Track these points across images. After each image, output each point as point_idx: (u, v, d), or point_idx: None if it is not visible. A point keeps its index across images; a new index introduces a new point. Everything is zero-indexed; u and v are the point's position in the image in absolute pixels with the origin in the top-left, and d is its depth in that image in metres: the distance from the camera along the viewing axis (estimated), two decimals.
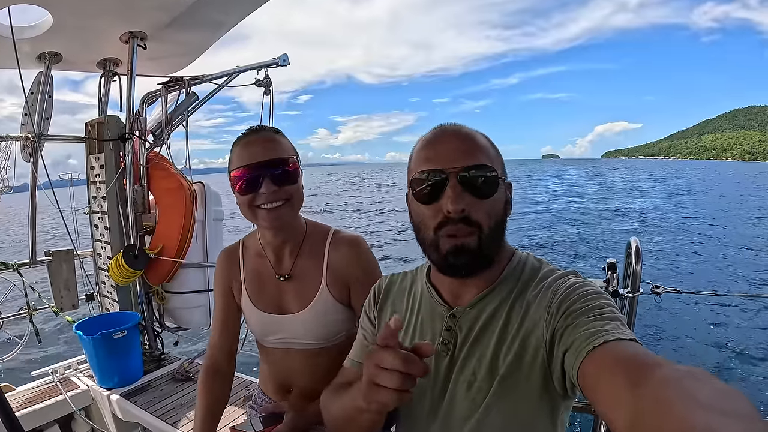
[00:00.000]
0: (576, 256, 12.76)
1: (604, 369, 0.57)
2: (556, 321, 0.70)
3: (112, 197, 2.35)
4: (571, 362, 0.63)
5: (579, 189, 39.92)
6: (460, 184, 0.73)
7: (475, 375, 0.77)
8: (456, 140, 0.77)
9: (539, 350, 0.72)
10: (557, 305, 0.71)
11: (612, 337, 0.59)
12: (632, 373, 0.50)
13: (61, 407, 2.13)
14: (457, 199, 0.72)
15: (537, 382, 0.72)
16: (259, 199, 1.08)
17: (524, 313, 0.76)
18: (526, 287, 0.79)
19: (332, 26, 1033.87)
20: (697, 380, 0.41)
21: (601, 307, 0.67)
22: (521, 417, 0.74)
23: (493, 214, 0.76)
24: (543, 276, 0.79)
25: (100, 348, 2.08)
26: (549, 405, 0.74)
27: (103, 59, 2.39)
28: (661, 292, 1.36)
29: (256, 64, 2.35)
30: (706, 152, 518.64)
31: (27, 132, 2.29)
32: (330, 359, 1.22)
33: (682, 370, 0.45)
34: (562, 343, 0.67)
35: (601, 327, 0.62)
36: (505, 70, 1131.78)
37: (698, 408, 0.36)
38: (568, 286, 0.73)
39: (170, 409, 1.97)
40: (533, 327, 0.73)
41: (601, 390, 0.56)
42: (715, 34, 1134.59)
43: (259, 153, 1.07)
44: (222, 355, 1.30)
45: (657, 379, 0.45)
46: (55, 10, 1.90)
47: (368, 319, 0.99)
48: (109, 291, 2.53)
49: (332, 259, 1.19)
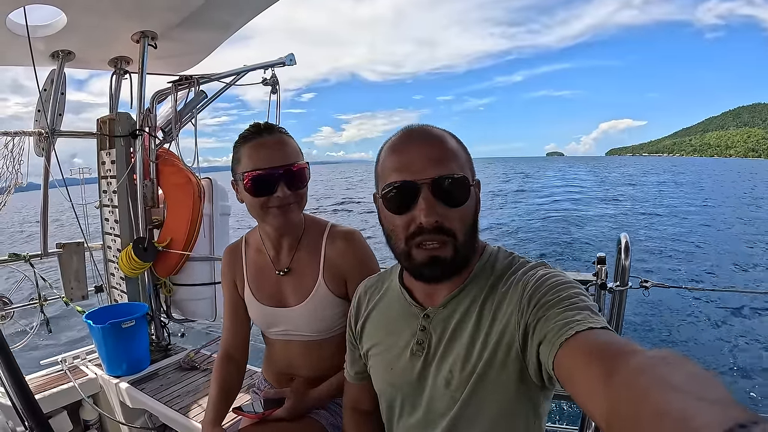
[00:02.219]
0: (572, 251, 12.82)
1: (578, 360, 0.57)
2: (528, 314, 0.70)
3: (122, 191, 2.42)
4: (546, 354, 0.64)
5: (581, 184, 39.98)
6: (433, 194, 0.72)
7: (452, 372, 0.79)
8: (425, 146, 0.75)
9: (513, 344, 0.72)
10: (528, 298, 0.71)
11: (583, 327, 0.60)
12: (606, 363, 0.51)
13: (70, 394, 2.19)
14: (429, 210, 0.72)
15: (513, 375, 0.73)
16: (273, 202, 1.12)
17: (496, 308, 0.77)
18: (497, 282, 0.79)
19: (336, 24, 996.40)
20: (671, 365, 0.42)
21: (570, 297, 0.68)
22: (501, 409, 0.76)
23: (466, 220, 0.77)
24: (513, 270, 0.80)
25: (109, 337, 2.15)
26: (527, 396, 0.76)
27: (115, 58, 2.45)
28: (649, 286, 1.42)
29: (263, 63, 2.41)
30: (710, 150, 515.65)
31: (40, 127, 2.36)
32: (329, 350, 1.27)
33: (655, 356, 0.45)
34: (535, 336, 0.67)
35: (572, 317, 0.63)
36: (509, 67, 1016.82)
37: (673, 393, 0.36)
38: (537, 278, 0.74)
39: (176, 396, 2.03)
40: (506, 322, 0.74)
41: (576, 381, 0.56)
42: (720, 31, 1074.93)
43: (274, 157, 1.10)
44: (233, 344, 1.35)
45: (631, 367, 0.46)
46: (69, 10, 1.96)
47: (350, 337, 1.03)
48: (118, 282, 2.60)
49: (329, 253, 1.22)
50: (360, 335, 0.99)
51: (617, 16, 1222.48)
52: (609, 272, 1.38)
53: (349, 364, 1.05)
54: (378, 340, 0.93)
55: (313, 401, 1.24)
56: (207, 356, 2.38)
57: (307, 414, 1.23)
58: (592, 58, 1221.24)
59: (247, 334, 1.39)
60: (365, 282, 1.04)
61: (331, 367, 1.28)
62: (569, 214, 19.71)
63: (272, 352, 1.37)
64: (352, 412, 1.07)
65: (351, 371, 1.05)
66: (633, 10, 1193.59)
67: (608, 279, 1.38)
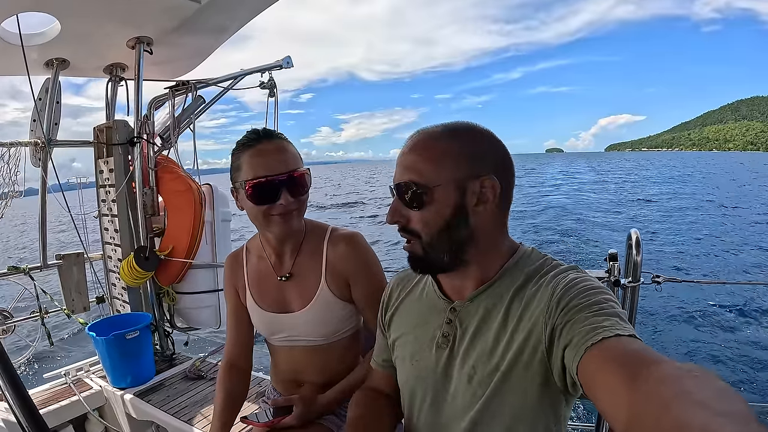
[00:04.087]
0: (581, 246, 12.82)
1: (603, 367, 0.57)
2: (556, 317, 0.70)
3: (121, 200, 2.39)
4: (571, 358, 0.64)
5: (582, 180, 40.21)
6: (399, 199, 0.82)
7: (475, 369, 0.79)
8: (406, 155, 0.82)
9: (539, 346, 0.72)
10: (557, 301, 0.71)
11: (610, 334, 0.60)
12: (630, 371, 0.50)
13: (75, 408, 2.17)
14: (391, 213, 0.83)
15: (538, 377, 0.73)
16: (276, 210, 1.10)
17: (524, 308, 0.77)
18: (527, 282, 0.80)
19: (333, 24, 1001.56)
20: (696, 379, 0.42)
21: (600, 303, 0.67)
22: (522, 410, 0.75)
23: (430, 222, 0.80)
24: (544, 272, 0.80)
25: (113, 348, 2.12)
26: (550, 399, 0.75)
27: (110, 64, 2.43)
28: (661, 281, 1.40)
29: (260, 66, 2.39)
30: (709, 144, 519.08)
31: (36, 137, 2.33)
32: (335, 355, 1.27)
33: (681, 368, 0.45)
34: (562, 339, 0.67)
35: (600, 323, 0.62)
36: (507, 64, 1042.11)
37: (696, 406, 0.36)
38: (568, 282, 0.74)
39: (184, 407, 2.01)
40: (533, 322, 0.74)
41: (599, 388, 0.56)
42: (717, 25, 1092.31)
43: (276, 165, 1.09)
44: (237, 353, 1.34)
45: (655, 377, 0.45)
46: (63, 17, 1.93)
47: (380, 325, 1.03)
48: (120, 293, 2.57)
49: (330, 257, 1.21)
50: (389, 325, 1.00)
51: (614, 11, 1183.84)
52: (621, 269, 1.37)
53: (377, 351, 1.06)
54: (405, 330, 0.94)
55: (322, 407, 1.22)
56: (213, 365, 2.36)
57: (317, 420, 1.22)
58: (590, 54, 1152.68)
59: (250, 341, 1.37)
60: (400, 273, 1.06)
61: (338, 372, 1.27)
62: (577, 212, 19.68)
63: (277, 359, 1.36)
64: (367, 390, 1.06)
65: (378, 359, 1.05)
66: (630, 5, 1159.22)
67: (620, 275, 1.36)
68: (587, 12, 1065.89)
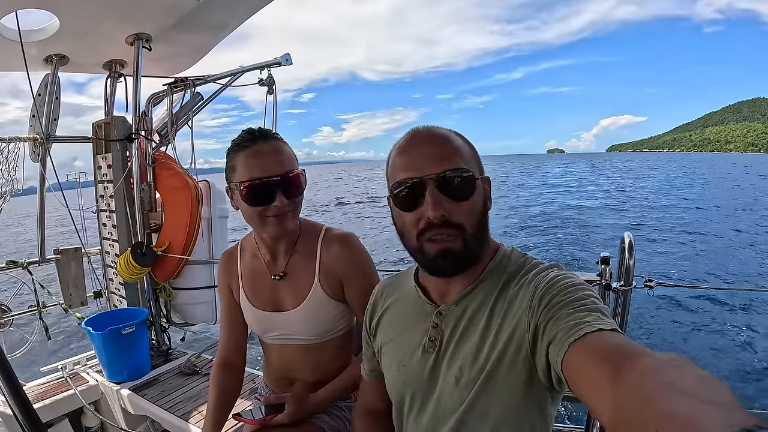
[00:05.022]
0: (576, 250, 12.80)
1: (587, 361, 0.57)
2: (538, 315, 0.70)
3: (119, 196, 2.40)
4: (555, 354, 0.64)
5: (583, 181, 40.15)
6: (438, 189, 0.75)
7: (462, 370, 0.79)
8: (429, 145, 0.78)
9: (523, 344, 0.73)
10: (539, 299, 0.72)
11: (593, 328, 0.60)
12: (614, 365, 0.51)
13: (71, 402, 2.19)
14: (436, 205, 0.74)
15: (523, 375, 0.73)
16: (271, 211, 1.11)
17: (507, 308, 0.77)
18: (509, 282, 0.80)
19: (335, 24, 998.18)
20: (678, 368, 0.42)
21: (581, 299, 0.68)
22: (508, 410, 0.76)
23: (474, 213, 0.78)
24: (525, 270, 0.80)
25: (110, 343, 2.14)
26: (535, 398, 0.75)
27: (109, 61, 2.43)
28: (653, 285, 1.40)
29: (259, 63, 2.38)
30: (710, 145, 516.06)
31: (35, 133, 2.34)
32: (327, 354, 1.27)
33: (663, 359, 0.45)
34: (545, 337, 0.68)
35: (583, 318, 0.63)
36: (508, 64, 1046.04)
37: (680, 396, 0.37)
38: (549, 280, 0.74)
39: (178, 401, 2.02)
40: (516, 321, 0.74)
41: (584, 382, 0.56)
42: (719, 26, 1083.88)
43: (271, 166, 1.08)
44: (231, 350, 1.34)
45: (638, 369, 0.46)
46: (62, 14, 1.94)
47: (365, 334, 1.03)
48: (117, 288, 2.59)
49: (324, 257, 1.22)
50: (374, 333, 1.00)
51: (616, 11, 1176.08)
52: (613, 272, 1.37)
53: (365, 361, 1.06)
54: (391, 337, 0.94)
55: (314, 405, 1.23)
56: (208, 360, 2.37)
57: (309, 419, 1.22)
58: (592, 55, 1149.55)
59: (244, 339, 1.37)
60: (383, 281, 1.05)
61: (330, 370, 1.28)
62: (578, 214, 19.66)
63: (270, 357, 1.37)
64: (366, 414, 1.08)
65: (366, 368, 1.06)
66: (632, 6, 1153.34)
67: (612, 279, 1.36)
68: (589, 12, 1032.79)
